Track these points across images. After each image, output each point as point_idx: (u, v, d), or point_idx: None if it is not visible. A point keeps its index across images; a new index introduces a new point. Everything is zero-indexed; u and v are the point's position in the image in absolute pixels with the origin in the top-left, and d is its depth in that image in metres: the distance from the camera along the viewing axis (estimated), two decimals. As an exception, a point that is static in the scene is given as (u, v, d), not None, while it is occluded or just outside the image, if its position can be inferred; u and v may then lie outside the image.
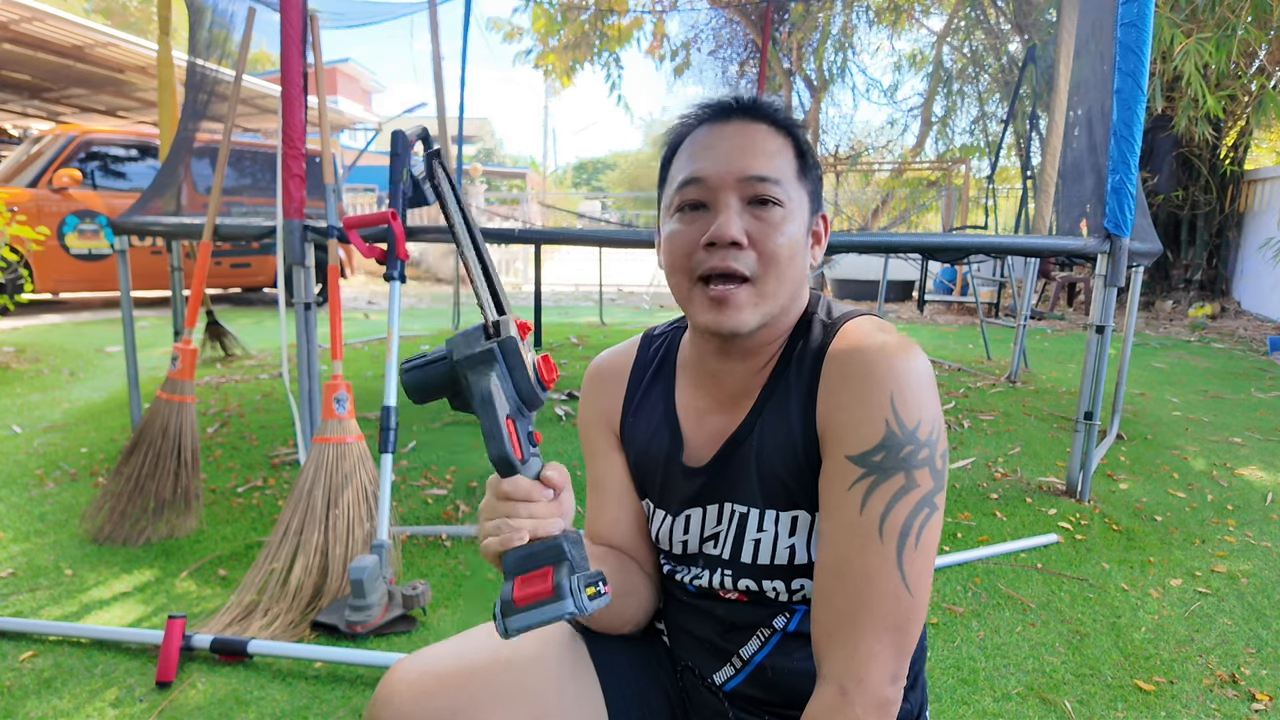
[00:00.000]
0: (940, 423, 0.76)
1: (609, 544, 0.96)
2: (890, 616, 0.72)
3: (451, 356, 0.71)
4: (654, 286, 10.49)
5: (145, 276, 6.44)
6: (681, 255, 0.82)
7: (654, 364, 0.97)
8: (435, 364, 0.72)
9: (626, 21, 9.78)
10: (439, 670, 0.84)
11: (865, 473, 0.74)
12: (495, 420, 0.68)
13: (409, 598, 1.89)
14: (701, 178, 0.81)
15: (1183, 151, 8.04)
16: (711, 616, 0.91)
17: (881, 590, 0.72)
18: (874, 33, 10.56)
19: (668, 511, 0.93)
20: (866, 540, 0.73)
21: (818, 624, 0.76)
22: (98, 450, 3.14)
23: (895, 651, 0.72)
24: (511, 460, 0.69)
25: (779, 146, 0.83)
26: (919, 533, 0.73)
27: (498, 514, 0.70)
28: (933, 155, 11.14)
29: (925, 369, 0.77)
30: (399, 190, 2.11)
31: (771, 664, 0.88)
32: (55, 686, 1.64)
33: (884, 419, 0.74)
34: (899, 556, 0.72)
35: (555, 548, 0.70)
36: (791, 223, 0.81)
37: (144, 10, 17.58)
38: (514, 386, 0.70)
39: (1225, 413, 4.02)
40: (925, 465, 0.74)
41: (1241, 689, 1.68)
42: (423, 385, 0.72)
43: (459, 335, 0.72)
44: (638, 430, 0.95)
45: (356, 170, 13.44)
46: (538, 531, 0.70)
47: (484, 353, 0.70)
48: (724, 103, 0.85)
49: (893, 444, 0.73)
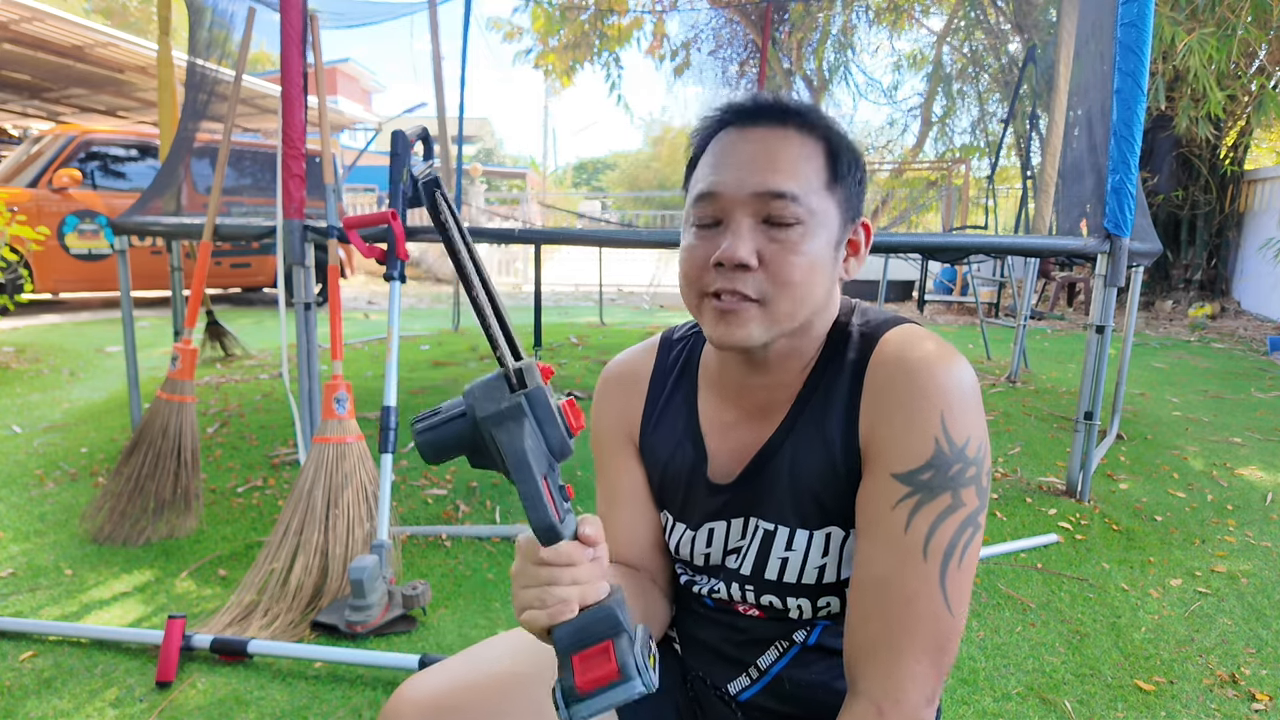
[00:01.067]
0: (986, 439, 0.74)
1: (625, 560, 0.93)
2: (931, 637, 0.70)
3: (474, 413, 0.63)
4: (654, 286, 10.49)
5: (145, 276, 6.44)
6: (694, 271, 0.79)
7: (675, 371, 0.93)
8: (453, 421, 0.63)
9: (626, 21, 9.78)
10: (446, 690, 0.82)
11: (911, 491, 0.71)
12: (534, 484, 0.61)
13: (409, 598, 1.89)
14: (714, 193, 0.77)
15: (1183, 151, 8.05)
16: (730, 628, 0.88)
17: (923, 611, 0.70)
18: (874, 33, 10.58)
19: (688, 525, 0.89)
20: (909, 560, 0.71)
21: (853, 641, 0.74)
22: (98, 450, 3.14)
23: (933, 672, 0.71)
24: (556, 528, 0.62)
25: (806, 154, 0.77)
26: (963, 553, 0.71)
27: (538, 581, 0.64)
28: (933, 155, 11.15)
29: (971, 381, 0.74)
30: (399, 190, 2.11)
31: (790, 675, 0.86)
32: (55, 686, 1.64)
33: (933, 436, 0.71)
34: (942, 577, 0.71)
35: (610, 618, 0.64)
36: (811, 240, 0.76)
37: (144, 10, 17.58)
38: (545, 441, 0.63)
39: (1225, 413, 4.02)
40: (972, 484, 0.72)
41: (1241, 689, 1.68)
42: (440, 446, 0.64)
43: (477, 387, 0.63)
44: (659, 443, 0.91)
45: (356, 170, 13.44)
46: (585, 598, 0.64)
47: (512, 408, 0.62)
48: (749, 105, 0.79)
49: (941, 463, 0.71)
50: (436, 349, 5.54)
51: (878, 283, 6.05)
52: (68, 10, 8.19)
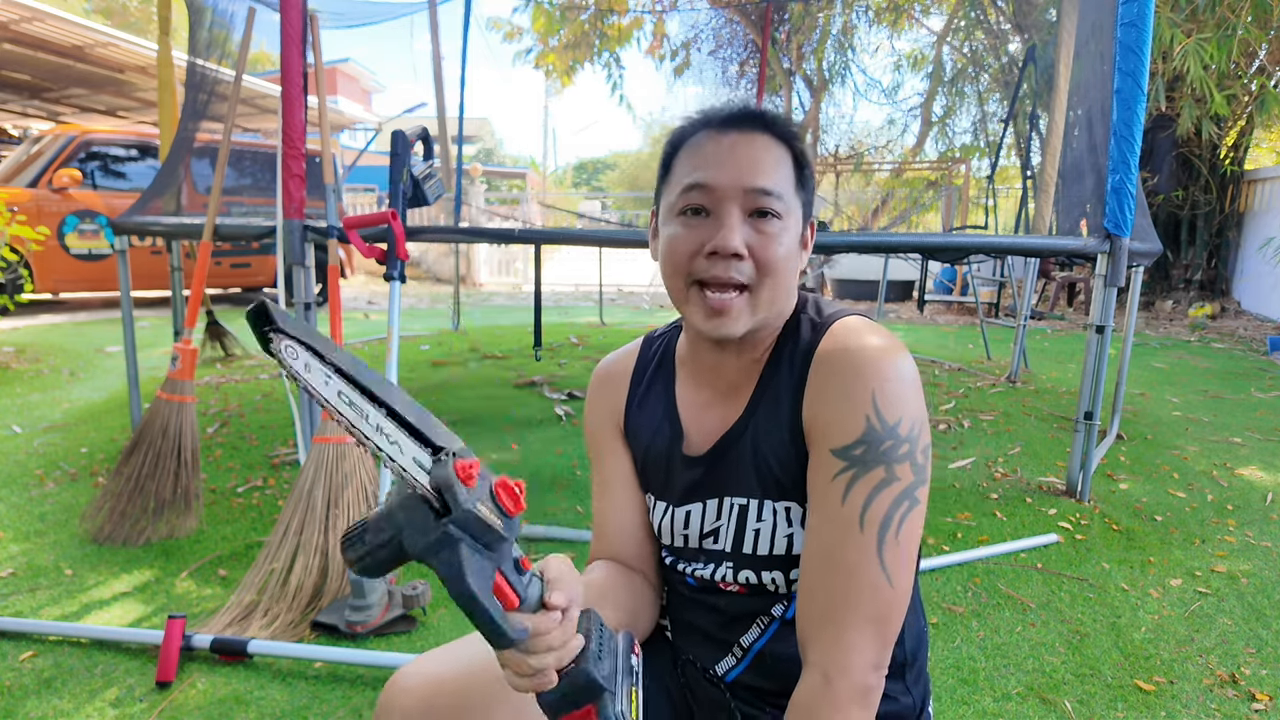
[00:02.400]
0: (923, 421, 0.78)
1: (616, 554, 0.97)
2: (871, 607, 0.74)
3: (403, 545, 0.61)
4: (654, 286, 10.49)
5: (145, 276, 6.43)
6: (683, 259, 0.84)
7: (654, 362, 1.00)
8: (383, 548, 0.61)
9: (626, 21, 9.79)
10: (440, 676, 0.84)
11: (846, 465, 0.76)
12: (483, 611, 0.61)
13: (409, 598, 1.89)
14: (708, 185, 0.83)
15: (1183, 151, 8.04)
16: (713, 609, 0.92)
17: (862, 581, 0.74)
18: (874, 33, 10.58)
19: (669, 504, 0.94)
20: (848, 531, 0.75)
21: (802, 613, 0.78)
22: (98, 450, 3.14)
23: (877, 641, 0.75)
24: (515, 638, 0.63)
25: (780, 158, 0.85)
26: (899, 525, 0.75)
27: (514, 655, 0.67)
28: (933, 155, 11.15)
29: (910, 369, 0.79)
30: (399, 190, 2.11)
31: (771, 650, 0.89)
32: (55, 686, 1.64)
33: (865, 414, 0.76)
34: (879, 548, 0.75)
35: (590, 684, 0.66)
36: (788, 233, 0.84)
37: (144, 10, 17.58)
38: (485, 548, 0.62)
39: (1225, 413, 4.02)
40: (906, 460, 0.76)
41: (1241, 689, 1.68)
42: (376, 569, 0.63)
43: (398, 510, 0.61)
44: (641, 424, 0.98)
45: (356, 170, 13.44)
46: (562, 662, 0.67)
47: (440, 538, 0.60)
48: (731, 112, 0.86)
49: (873, 439, 0.76)
50: (436, 349, 5.54)
51: (877, 283, 6.06)
52: (68, 10, 8.19)
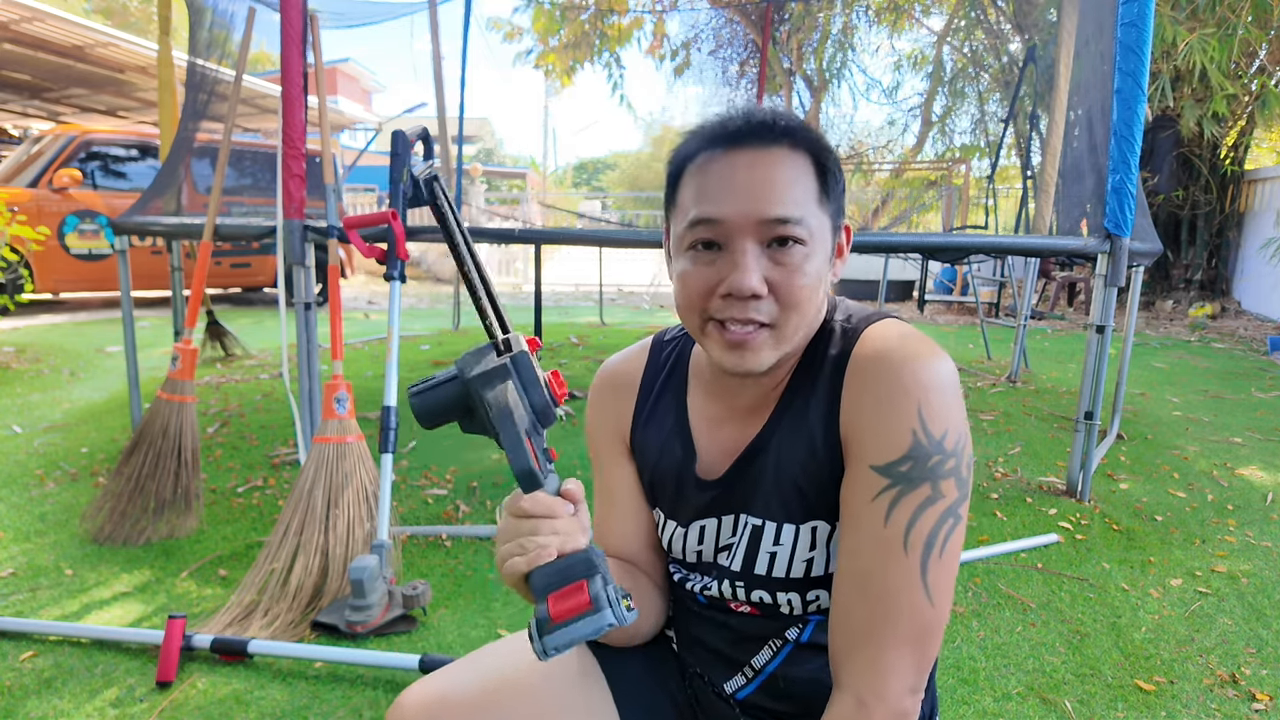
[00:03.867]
0: (966, 431, 0.74)
1: (620, 556, 0.95)
2: (912, 629, 0.71)
3: (464, 375, 0.68)
4: (654, 286, 10.49)
5: (145, 276, 6.43)
6: (696, 298, 0.77)
7: (665, 371, 0.94)
8: (445, 385, 0.69)
9: (626, 21, 9.79)
10: (448, 697, 0.82)
11: (890, 483, 0.72)
12: (516, 435, 0.66)
13: (409, 598, 1.89)
14: (715, 219, 0.75)
15: (1183, 151, 8.04)
16: (723, 627, 0.89)
17: (904, 603, 0.71)
18: (874, 33, 10.57)
19: (679, 523, 0.90)
20: (890, 553, 0.71)
21: (837, 635, 0.75)
22: (98, 450, 3.14)
23: (916, 664, 0.71)
24: (536, 474, 0.67)
25: (799, 172, 0.76)
26: (943, 544, 0.71)
27: (520, 533, 0.68)
28: (933, 155, 11.15)
29: (951, 375, 0.74)
30: (399, 190, 2.10)
31: (784, 674, 0.86)
32: (55, 686, 1.64)
33: (910, 429, 0.71)
34: (923, 569, 0.71)
35: (585, 560, 0.67)
36: (814, 258, 0.76)
37: (144, 10, 17.58)
38: (529, 402, 0.68)
39: (1225, 413, 4.02)
40: (951, 475, 0.72)
41: (1241, 689, 1.68)
42: (433, 409, 0.69)
43: (468, 355, 0.69)
44: (649, 440, 0.92)
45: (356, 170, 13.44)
46: (564, 547, 0.67)
47: (499, 369, 0.68)
48: (735, 126, 0.77)
49: (919, 454, 0.71)
50: (437, 349, 5.54)
51: (878, 283, 6.06)
52: (68, 10, 8.19)
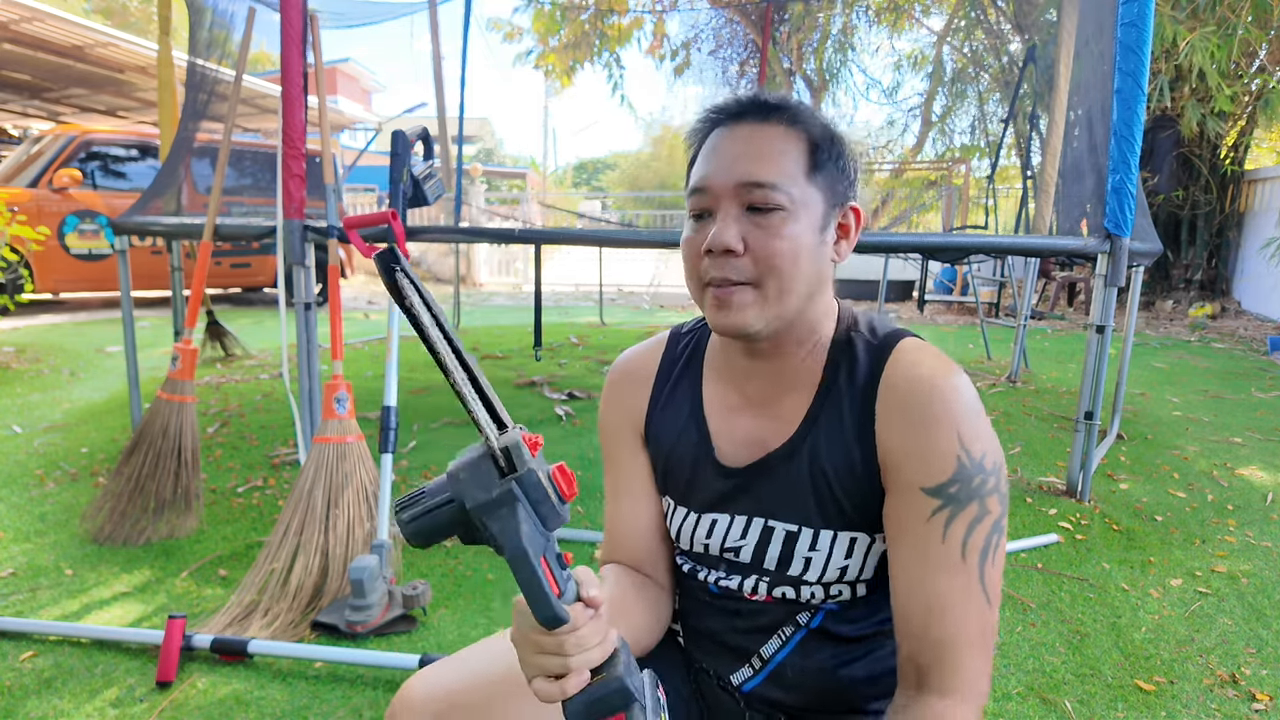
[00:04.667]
0: (998, 446, 0.80)
1: (628, 557, 0.95)
2: (978, 629, 0.78)
3: (463, 501, 0.60)
4: (654, 286, 10.49)
5: (145, 276, 6.43)
6: (691, 261, 0.84)
7: (682, 360, 0.97)
8: (440, 509, 0.61)
9: (626, 21, 9.79)
10: (449, 688, 0.82)
11: (941, 504, 0.77)
12: (534, 575, 0.59)
13: (409, 598, 1.89)
14: (703, 186, 0.83)
15: (1183, 151, 8.04)
16: (734, 615, 0.90)
17: (971, 609, 0.77)
18: (874, 33, 10.57)
19: (690, 510, 0.92)
20: (952, 567, 0.77)
21: (913, 647, 0.79)
22: (98, 450, 3.14)
23: (987, 657, 0.79)
24: (561, 617, 0.61)
25: (787, 146, 0.82)
26: (994, 553, 0.78)
27: (544, 650, 0.63)
28: (933, 155, 11.14)
29: (973, 393, 0.80)
30: (399, 190, 2.11)
31: (791, 663, 0.88)
32: (55, 686, 1.64)
33: (954, 454, 0.77)
34: (981, 577, 0.78)
35: (622, 690, 0.62)
36: (794, 224, 0.80)
37: (144, 10, 17.58)
38: (539, 518, 0.61)
39: (1225, 413, 4.02)
40: (994, 492, 0.78)
41: (1242, 689, 1.68)
42: (428, 533, 0.62)
43: (464, 469, 0.60)
44: (664, 426, 0.94)
45: (356, 170, 13.44)
46: (593, 662, 0.64)
47: (503, 495, 0.59)
48: (734, 105, 0.85)
49: (965, 476, 0.77)
50: (436, 349, 5.53)
51: (878, 283, 6.05)
52: (68, 10, 8.19)
